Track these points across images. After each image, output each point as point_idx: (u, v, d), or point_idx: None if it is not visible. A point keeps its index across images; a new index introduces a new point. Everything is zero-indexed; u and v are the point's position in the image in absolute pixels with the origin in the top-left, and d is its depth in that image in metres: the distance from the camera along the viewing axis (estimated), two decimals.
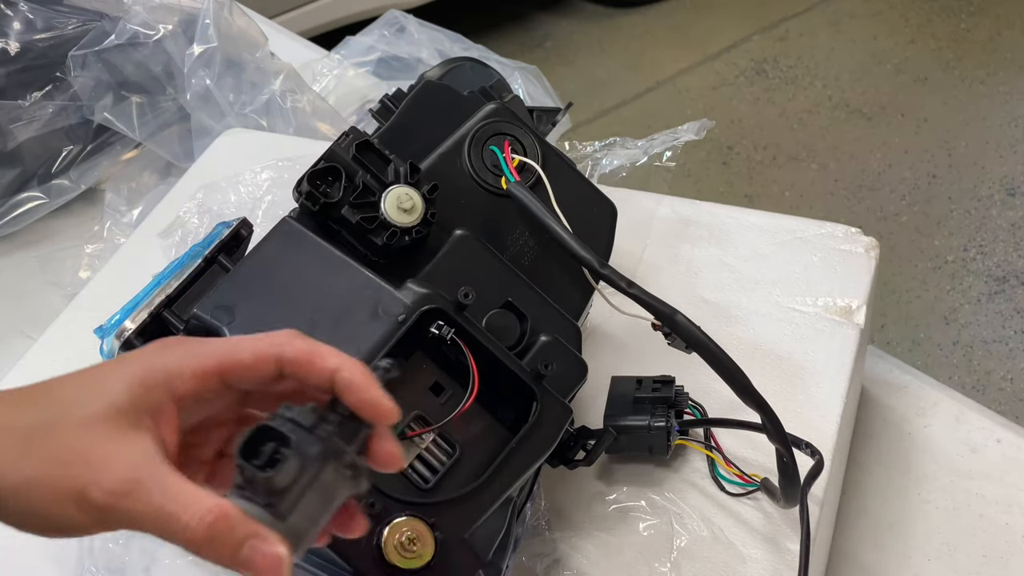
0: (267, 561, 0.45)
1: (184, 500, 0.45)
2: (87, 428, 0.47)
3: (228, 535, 0.44)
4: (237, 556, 0.45)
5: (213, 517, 0.44)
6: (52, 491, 0.46)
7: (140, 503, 0.45)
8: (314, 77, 1.28)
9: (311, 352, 0.50)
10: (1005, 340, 2.08)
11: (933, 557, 0.85)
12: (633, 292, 0.70)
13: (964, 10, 2.92)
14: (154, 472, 0.46)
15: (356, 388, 0.49)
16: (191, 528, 0.44)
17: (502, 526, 0.65)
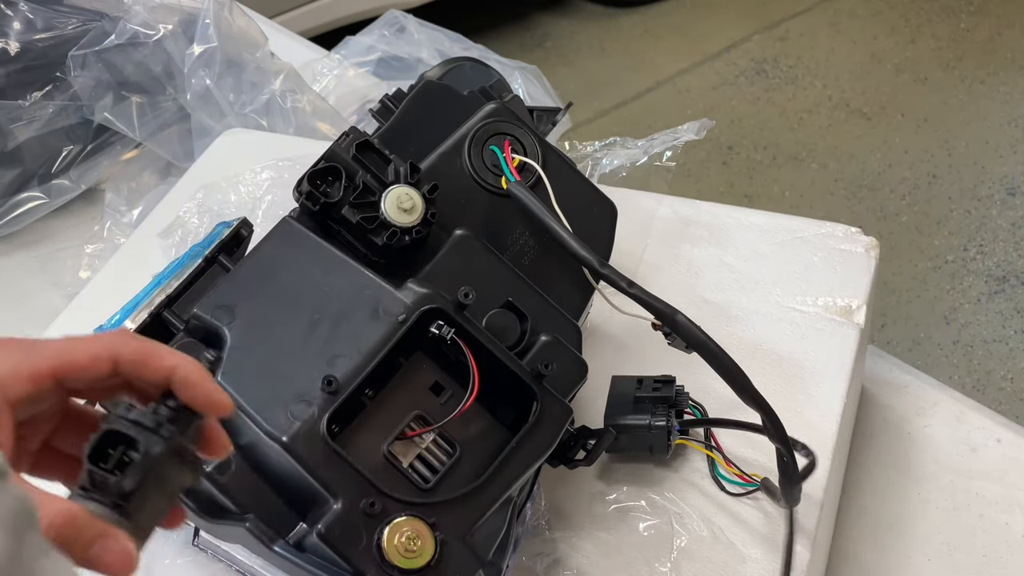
0: (117, 558, 0.46)
1: None
2: None
3: (77, 536, 0.45)
4: (87, 555, 0.45)
5: (61, 520, 0.45)
6: None
7: None
8: (314, 77, 1.28)
9: (147, 352, 0.51)
10: (1005, 340, 2.08)
11: (933, 557, 0.85)
12: (633, 292, 0.70)
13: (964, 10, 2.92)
14: None
15: (194, 385, 0.50)
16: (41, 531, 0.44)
17: (502, 526, 0.66)
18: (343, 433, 0.65)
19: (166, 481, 0.48)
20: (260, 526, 0.64)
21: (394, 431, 0.66)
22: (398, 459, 0.65)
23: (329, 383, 0.64)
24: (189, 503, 0.66)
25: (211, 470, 0.64)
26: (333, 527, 0.60)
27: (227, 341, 0.66)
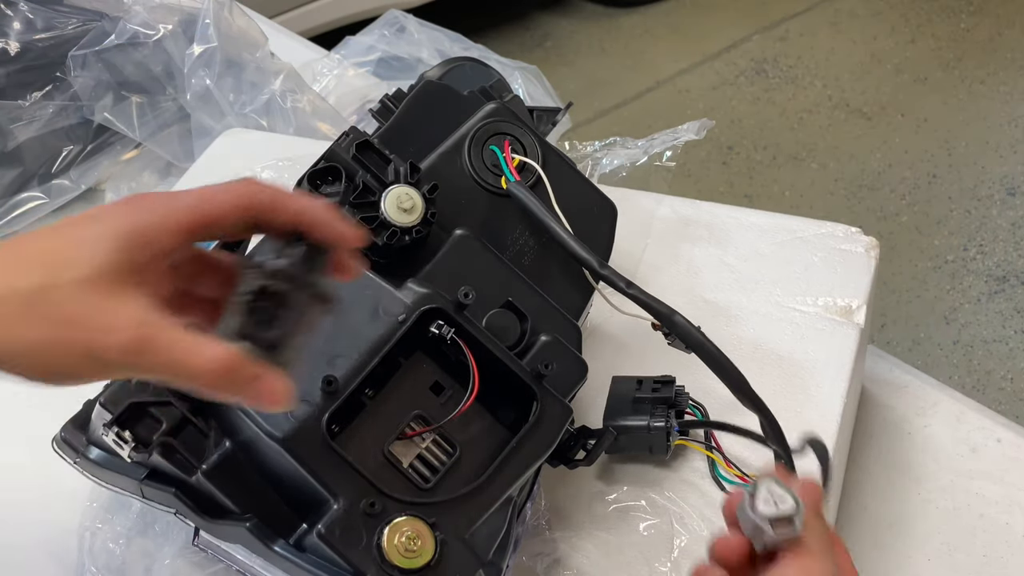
0: (274, 393, 0.51)
1: (194, 351, 0.49)
2: (83, 291, 0.49)
3: (237, 376, 0.50)
4: (247, 392, 0.50)
5: (222, 365, 0.49)
6: (64, 352, 0.49)
7: (152, 358, 0.49)
8: (314, 77, 1.28)
9: (278, 197, 0.53)
10: (1005, 340, 2.08)
11: (933, 557, 0.85)
12: (632, 292, 0.70)
13: (964, 10, 2.92)
14: (160, 327, 0.49)
15: (323, 224, 0.53)
16: (204, 376, 0.49)
17: (502, 526, 0.66)
18: (343, 433, 0.65)
19: (306, 320, 0.52)
20: (260, 526, 0.64)
21: (394, 431, 0.66)
22: (398, 459, 0.65)
23: (329, 383, 0.64)
24: (189, 503, 0.66)
25: (211, 470, 0.64)
26: (333, 527, 0.60)
27: None
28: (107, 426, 0.64)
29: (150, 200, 0.52)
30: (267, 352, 0.51)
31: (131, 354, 0.49)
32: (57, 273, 0.49)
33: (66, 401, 0.73)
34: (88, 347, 0.49)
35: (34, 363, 0.50)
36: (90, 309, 0.49)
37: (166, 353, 0.49)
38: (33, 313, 0.49)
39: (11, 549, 0.78)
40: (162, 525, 0.76)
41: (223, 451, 0.65)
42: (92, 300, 0.49)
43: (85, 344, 0.49)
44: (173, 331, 0.49)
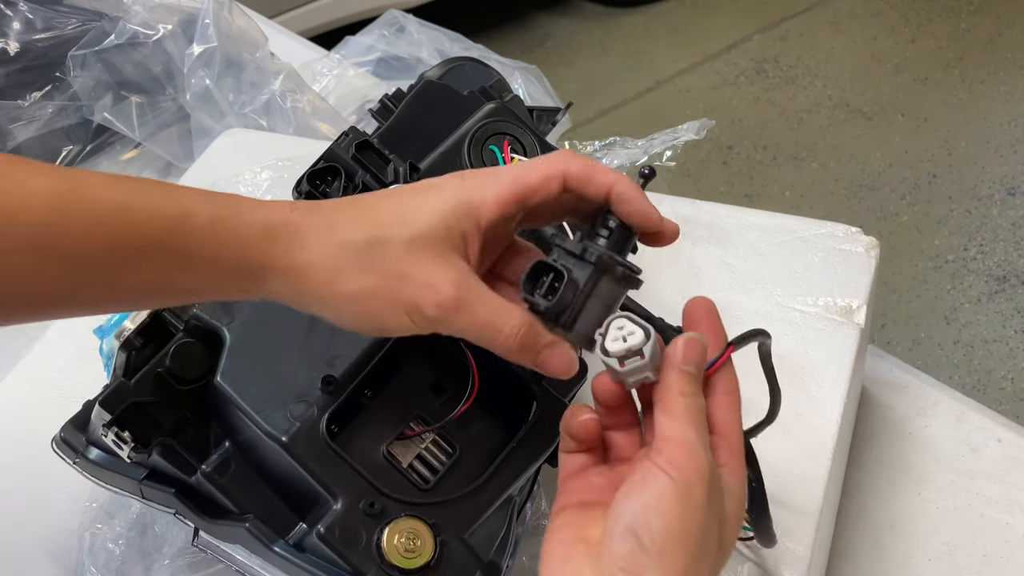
0: (561, 362, 0.55)
1: (503, 315, 0.54)
2: (412, 250, 0.53)
3: (533, 344, 0.54)
4: (537, 359, 0.55)
5: (524, 330, 0.54)
6: (388, 302, 0.54)
7: (467, 317, 0.53)
8: (314, 77, 1.28)
9: (590, 168, 0.56)
10: (1005, 340, 2.08)
11: (933, 557, 0.85)
12: None
13: (964, 10, 2.92)
14: (476, 290, 0.54)
15: (629, 200, 0.55)
16: (508, 339, 0.54)
17: (502, 526, 0.65)
18: (343, 433, 0.65)
19: (602, 294, 0.55)
20: (260, 526, 0.63)
21: (394, 431, 0.66)
22: (398, 459, 0.65)
23: (328, 383, 0.64)
24: (189, 503, 0.66)
25: (210, 470, 0.64)
26: (333, 527, 0.60)
27: (226, 341, 0.66)
28: (107, 426, 0.64)
29: (478, 175, 0.56)
30: (564, 326, 0.54)
31: (447, 311, 0.53)
32: (390, 231, 0.54)
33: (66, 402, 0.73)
34: (411, 300, 0.53)
35: (358, 309, 0.54)
36: (417, 266, 0.53)
37: (478, 315, 0.53)
38: (366, 263, 0.53)
39: (11, 549, 0.78)
40: (162, 525, 0.76)
41: (223, 451, 0.65)
42: (419, 259, 0.53)
43: (409, 297, 0.53)
44: (486, 296, 0.54)
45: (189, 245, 0.52)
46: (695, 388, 0.53)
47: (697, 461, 0.50)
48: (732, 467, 0.53)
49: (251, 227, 0.53)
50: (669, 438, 0.51)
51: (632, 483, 0.51)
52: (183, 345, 0.67)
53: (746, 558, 0.73)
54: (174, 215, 0.52)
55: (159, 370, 0.66)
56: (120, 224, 0.51)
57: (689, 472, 0.50)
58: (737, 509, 0.53)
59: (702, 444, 0.51)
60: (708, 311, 0.57)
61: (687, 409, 0.52)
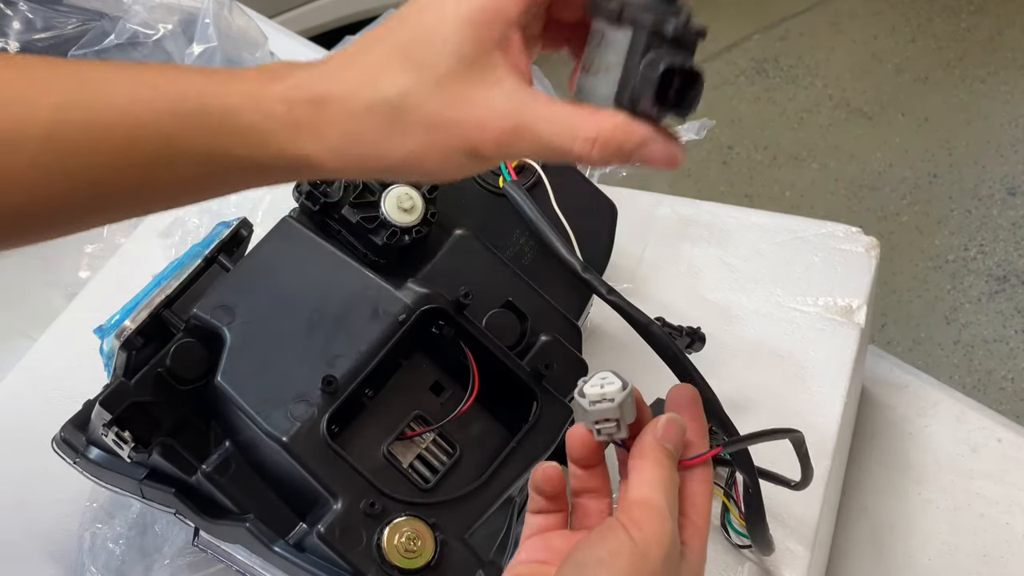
0: (667, 153, 0.49)
1: (568, 130, 0.48)
2: (449, 89, 0.48)
3: (621, 148, 0.48)
4: (632, 160, 0.49)
5: (603, 139, 0.47)
6: (441, 155, 0.49)
7: (529, 141, 0.48)
8: None
9: None
10: (1006, 340, 2.08)
11: (934, 557, 0.85)
12: (612, 299, 0.70)
13: (964, 9, 2.92)
14: (530, 110, 0.48)
15: None
16: (584, 151, 0.48)
17: (502, 526, 0.66)
18: (343, 433, 0.65)
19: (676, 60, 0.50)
20: (260, 526, 0.63)
21: (394, 431, 0.66)
22: (398, 459, 0.65)
23: (329, 383, 0.64)
24: (189, 503, 0.66)
25: (211, 470, 0.64)
26: (333, 527, 0.60)
27: (226, 341, 0.66)
28: (107, 426, 0.64)
29: None
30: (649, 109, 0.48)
31: (507, 144, 0.48)
32: (420, 75, 0.48)
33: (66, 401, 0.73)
34: (465, 147, 0.48)
35: (412, 171, 0.50)
36: (457, 107, 0.48)
37: (541, 135, 0.48)
38: (403, 123, 0.48)
39: (11, 549, 0.78)
40: (162, 525, 0.76)
41: (223, 451, 0.65)
42: (456, 97, 0.48)
43: (461, 144, 0.48)
44: (543, 112, 0.48)
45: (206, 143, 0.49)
46: (671, 463, 0.51)
47: (660, 526, 0.48)
48: (694, 548, 0.51)
49: (274, 116, 0.49)
50: (636, 500, 0.50)
51: (591, 535, 0.49)
52: (183, 345, 0.67)
53: (746, 558, 0.73)
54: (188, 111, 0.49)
55: (159, 370, 0.66)
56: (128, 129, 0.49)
57: (650, 534, 0.48)
58: None
59: (669, 512, 0.49)
60: (690, 400, 0.55)
61: (659, 478, 0.50)
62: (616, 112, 0.48)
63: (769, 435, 0.61)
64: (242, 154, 0.50)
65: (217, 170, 0.50)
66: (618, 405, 0.51)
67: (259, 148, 0.50)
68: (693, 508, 0.52)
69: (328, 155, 0.49)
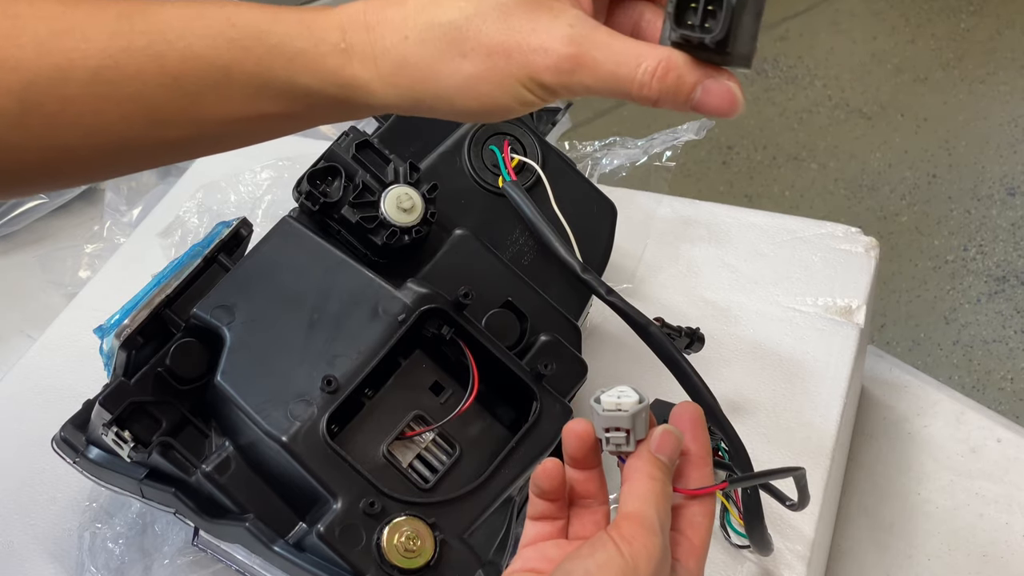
0: (722, 99, 0.47)
1: (631, 58, 0.47)
2: (508, 15, 0.47)
3: (679, 84, 0.47)
4: (691, 100, 0.47)
5: (663, 70, 0.46)
6: (499, 82, 0.48)
7: (590, 73, 0.47)
8: None
9: None
10: (1005, 340, 2.08)
11: (933, 556, 0.85)
12: (611, 300, 0.70)
13: (964, 10, 2.92)
14: (593, 39, 0.47)
15: None
16: (645, 85, 0.47)
17: (502, 526, 0.66)
18: (342, 433, 0.65)
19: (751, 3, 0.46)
20: (260, 526, 0.64)
21: (394, 431, 0.66)
22: (397, 459, 0.65)
23: (329, 383, 0.64)
24: (188, 503, 0.66)
25: (210, 470, 0.64)
26: (333, 527, 0.60)
27: (226, 341, 0.66)
28: (107, 426, 0.64)
29: None
30: (710, 50, 0.46)
31: (567, 73, 0.47)
32: (476, 4, 0.48)
33: (66, 401, 0.73)
34: (524, 74, 0.47)
35: (466, 96, 0.48)
36: (518, 33, 0.47)
37: (601, 66, 0.47)
38: (462, 46, 0.47)
39: (11, 548, 0.78)
40: (161, 525, 0.76)
41: (223, 451, 0.65)
42: (519, 23, 0.47)
43: (520, 71, 0.47)
44: (606, 41, 0.47)
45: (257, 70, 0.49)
46: (664, 476, 0.51)
47: (650, 540, 0.48)
48: (689, 568, 0.51)
49: (326, 42, 0.49)
50: (628, 513, 0.49)
51: (580, 548, 0.49)
52: (183, 344, 0.67)
53: (746, 558, 0.73)
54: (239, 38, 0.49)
55: (159, 369, 0.66)
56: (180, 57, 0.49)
57: (639, 548, 0.48)
58: None
59: (660, 527, 0.49)
60: (694, 418, 0.54)
61: (651, 491, 0.50)
62: (676, 50, 0.47)
63: (774, 475, 0.61)
64: (292, 80, 0.49)
65: (267, 98, 0.50)
66: (631, 415, 0.51)
67: (309, 73, 0.49)
68: (691, 528, 0.52)
69: (379, 83, 0.49)
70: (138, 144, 0.51)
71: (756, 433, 0.79)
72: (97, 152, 0.51)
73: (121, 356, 0.67)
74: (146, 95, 0.49)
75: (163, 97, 0.49)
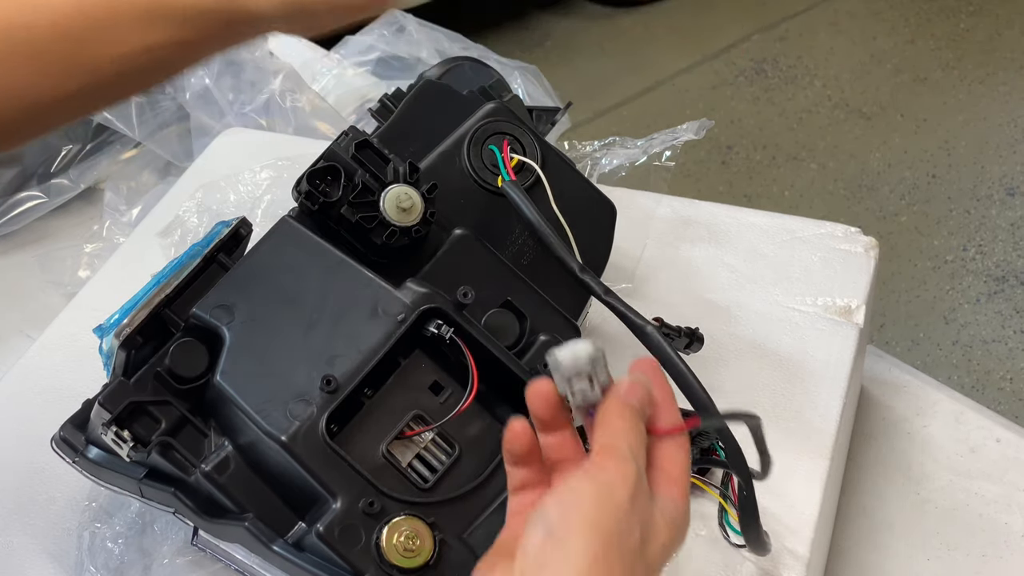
0: None
1: None
2: None
3: None
4: None
5: None
6: None
7: None
8: (313, 76, 1.27)
9: None
10: (1004, 340, 2.08)
11: (933, 557, 0.85)
12: (608, 300, 0.70)
13: (963, 10, 2.92)
14: None
15: None
16: None
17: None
18: (342, 432, 0.65)
19: None
20: (259, 526, 0.63)
21: (393, 430, 0.66)
22: (397, 459, 0.65)
23: (328, 382, 0.64)
24: (188, 503, 0.66)
25: (210, 469, 0.64)
26: (332, 527, 0.60)
27: (226, 340, 0.66)
28: (106, 425, 0.64)
29: None
30: None
31: None
32: None
33: (65, 401, 0.73)
34: None
35: None
36: None
37: None
38: None
39: (10, 548, 0.78)
40: (161, 524, 0.76)
41: (222, 450, 0.65)
42: None
43: None
44: None
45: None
46: (634, 416, 0.52)
47: (623, 466, 0.49)
48: (671, 497, 0.51)
49: None
50: (599, 447, 0.50)
51: (557, 485, 0.50)
52: (183, 344, 0.67)
53: (745, 558, 0.73)
54: None
55: (159, 369, 0.66)
56: None
57: (613, 473, 0.49)
58: (673, 520, 0.51)
59: (632, 457, 0.50)
60: (653, 368, 0.56)
61: (621, 428, 0.51)
62: None
63: (730, 417, 0.61)
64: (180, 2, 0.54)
65: (156, 27, 0.54)
66: (590, 357, 0.52)
67: None
68: (668, 461, 0.52)
69: None
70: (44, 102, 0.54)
71: None
72: None
73: (120, 356, 0.67)
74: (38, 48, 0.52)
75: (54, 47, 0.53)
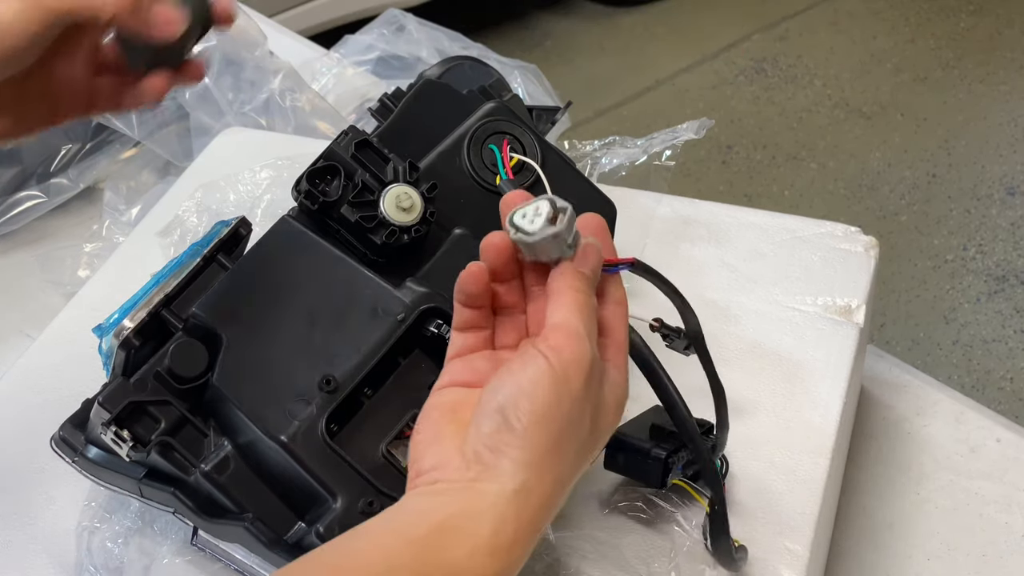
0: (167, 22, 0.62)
1: None
2: None
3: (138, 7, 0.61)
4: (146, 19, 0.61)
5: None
6: None
7: None
8: (313, 76, 1.27)
9: None
10: (1004, 339, 2.08)
11: (933, 556, 0.85)
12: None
13: (964, 9, 2.92)
14: None
15: None
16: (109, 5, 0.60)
17: None
18: (341, 432, 0.64)
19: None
20: (259, 526, 0.63)
21: (393, 430, 0.66)
22: (397, 458, 0.65)
23: (328, 382, 0.64)
24: (188, 502, 0.66)
25: (209, 469, 0.64)
26: (332, 526, 0.60)
27: (225, 340, 0.66)
28: (106, 425, 0.64)
29: None
30: None
31: None
32: None
33: (65, 400, 0.72)
34: None
35: None
36: None
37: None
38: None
39: (10, 548, 0.78)
40: (161, 524, 0.76)
41: (222, 450, 0.65)
42: None
43: None
44: None
45: None
46: (588, 288, 0.53)
47: (579, 348, 0.50)
48: (617, 363, 0.53)
49: None
50: (555, 325, 0.51)
51: (510, 364, 0.51)
52: (182, 344, 0.67)
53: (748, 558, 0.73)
54: None
55: (158, 369, 0.66)
56: None
57: (569, 358, 0.50)
58: (618, 400, 0.53)
59: (587, 335, 0.51)
60: (599, 227, 0.56)
61: (576, 302, 0.52)
62: None
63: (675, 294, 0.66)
64: None
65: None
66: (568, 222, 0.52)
67: None
68: (612, 327, 0.54)
69: None
70: None
71: (755, 432, 0.79)
72: None
73: (120, 355, 0.67)
74: None
75: None
